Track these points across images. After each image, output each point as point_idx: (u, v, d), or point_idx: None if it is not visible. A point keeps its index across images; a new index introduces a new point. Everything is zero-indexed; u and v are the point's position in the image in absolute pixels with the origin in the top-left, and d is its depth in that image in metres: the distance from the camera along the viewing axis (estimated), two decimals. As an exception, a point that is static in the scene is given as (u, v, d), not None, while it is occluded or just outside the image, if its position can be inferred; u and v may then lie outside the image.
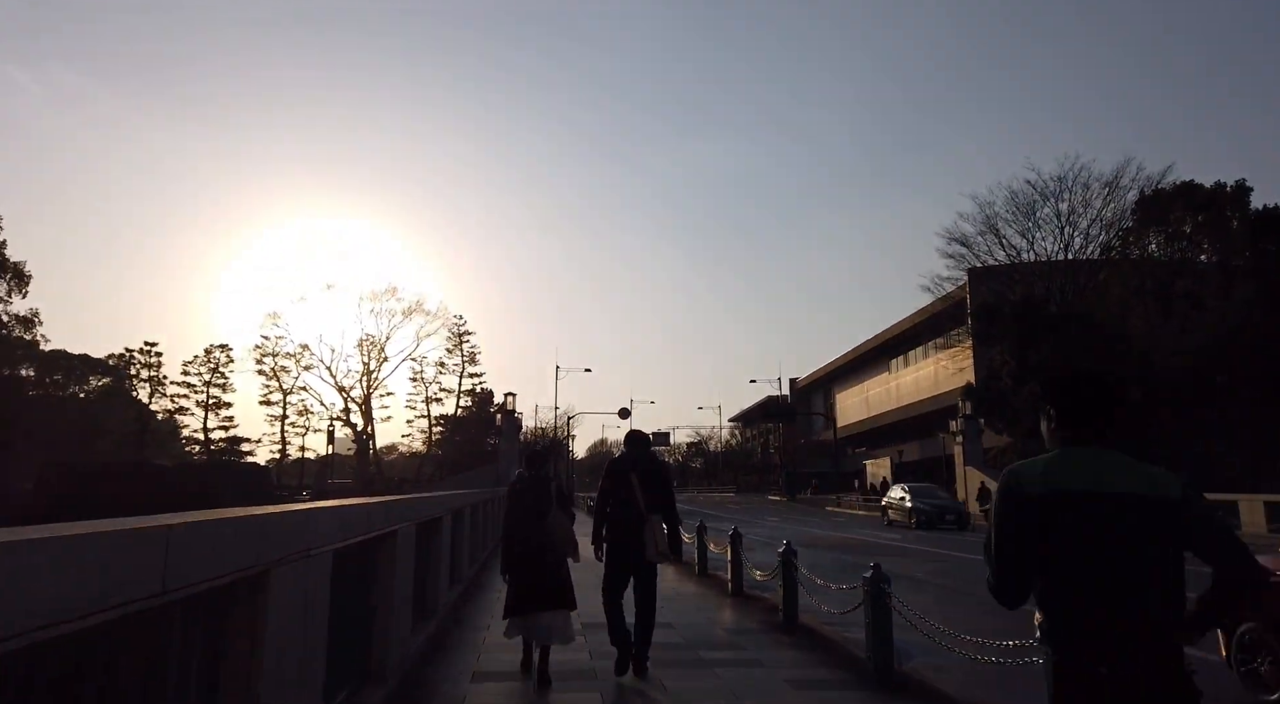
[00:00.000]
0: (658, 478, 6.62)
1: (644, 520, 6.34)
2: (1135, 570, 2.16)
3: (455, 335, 70.71)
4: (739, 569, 10.82)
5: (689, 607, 10.22)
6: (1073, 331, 37.94)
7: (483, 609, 9.86)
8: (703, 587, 12.12)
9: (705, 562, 13.27)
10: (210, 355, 64.96)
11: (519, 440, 49.67)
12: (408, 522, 6.14)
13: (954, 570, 15.13)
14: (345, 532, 4.17)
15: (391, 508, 5.53)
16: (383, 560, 5.50)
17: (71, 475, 33.74)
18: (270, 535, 2.93)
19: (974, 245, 46.81)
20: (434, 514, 8.04)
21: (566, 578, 6.43)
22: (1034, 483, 2.30)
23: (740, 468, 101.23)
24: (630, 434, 7.04)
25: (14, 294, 45.02)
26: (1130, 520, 2.19)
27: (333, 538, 3.88)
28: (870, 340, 79.90)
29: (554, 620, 6.21)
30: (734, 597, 10.78)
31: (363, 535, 4.63)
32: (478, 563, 14.14)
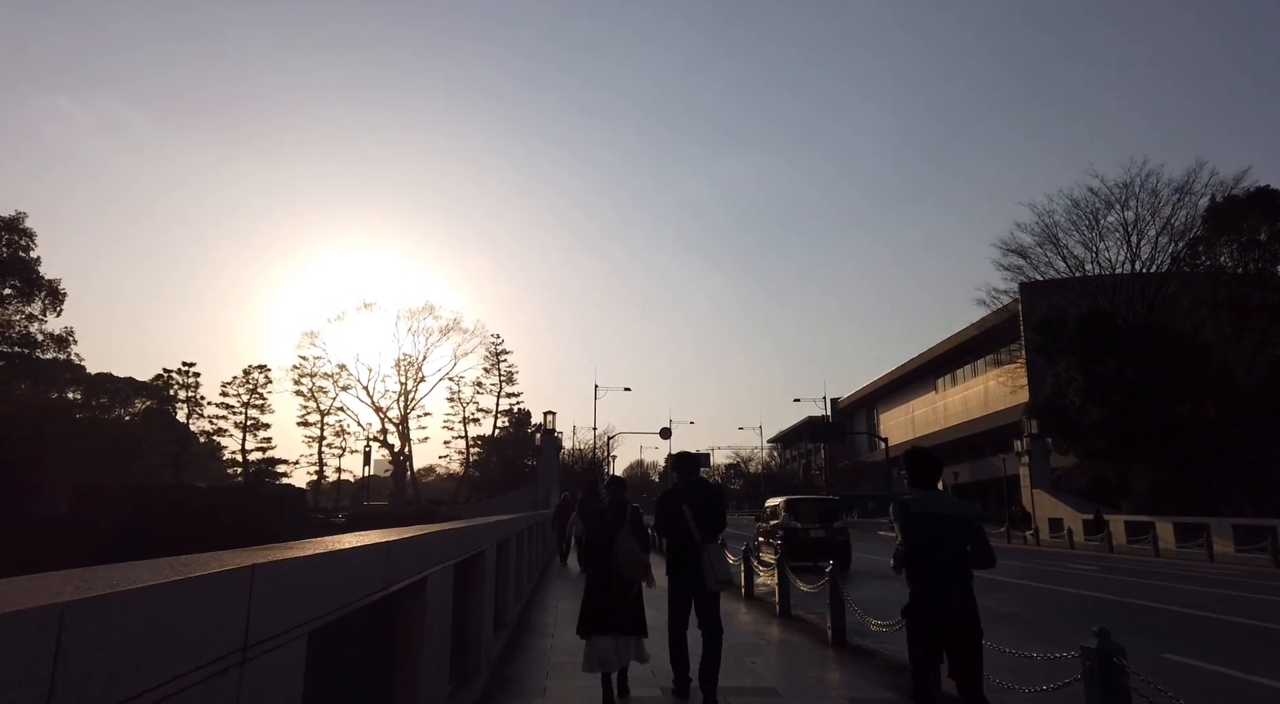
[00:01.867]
0: (711, 504, 6.58)
1: (701, 550, 6.31)
2: (951, 550, 4.88)
3: (493, 354, 69.87)
4: (840, 612, 8.81)
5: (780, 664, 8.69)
6: (1145, 346, 35.74)
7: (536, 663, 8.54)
8: (788, 632, 10.58)
9: (788, 601, 11.62)
10: (249, 376, 64.66)
11: (558, 460, 48.37)
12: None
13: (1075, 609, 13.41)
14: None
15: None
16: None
17: (107, 498, 33.07)
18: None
19: (1032, 256, 44.85)
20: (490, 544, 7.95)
21: (636, 602, 6.43)
22: (916, 506, 4.96)
23: (782, 489, 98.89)
24: (678, 456, 7.06)
25: (49, 312, 44.70)
26: (949, 526, 4.90)
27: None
28: (915, 359, 77.78)
29: (622, 645, 6.30)
30: (835, 647, 8.80)
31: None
32: (521, 601, 12.34)
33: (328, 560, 2.49)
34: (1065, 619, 11.66)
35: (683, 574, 6.45)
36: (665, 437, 59.90)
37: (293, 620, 2.09)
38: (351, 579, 2.71)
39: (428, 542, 4.04)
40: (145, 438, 56.55)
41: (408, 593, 3.75)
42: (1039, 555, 26.56)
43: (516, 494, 46.28)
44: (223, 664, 1.68)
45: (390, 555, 3.25)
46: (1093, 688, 4.28)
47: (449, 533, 4.89)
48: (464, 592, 6.19)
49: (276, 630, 1.96)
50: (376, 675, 3.52)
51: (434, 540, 4.28)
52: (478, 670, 6.41)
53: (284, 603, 2.04)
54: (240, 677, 1.78)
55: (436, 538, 4.42)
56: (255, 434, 64.48)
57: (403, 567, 3.45)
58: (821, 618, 10.38)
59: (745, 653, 8.28)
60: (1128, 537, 28.36)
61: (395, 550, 3.34)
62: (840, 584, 8.40)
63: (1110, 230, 42.88)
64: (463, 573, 6.04)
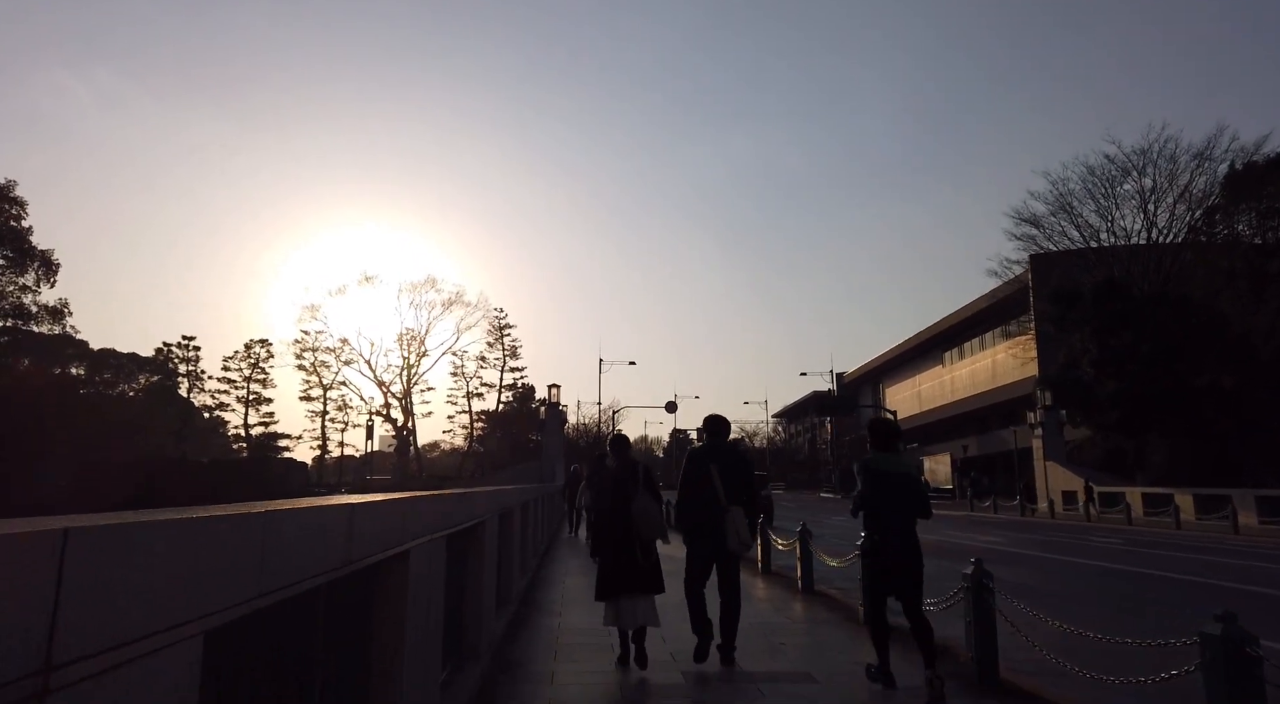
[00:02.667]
0: (739, 468, 6.55)
1: (725, 512, 6.31)
2: (900, 501, 5.69)
3: (496, 328, 69.24)
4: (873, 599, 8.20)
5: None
6: (1162, 315, 34.96)
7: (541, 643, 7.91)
8: (813, 607, 9.99)
9: (810, 576, 11.03)
10: (250, 351, 64.23)
11: (563, 435, 47.89)
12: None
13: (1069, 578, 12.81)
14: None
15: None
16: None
17: (109, 472, 32.66)
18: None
19: (1045, 226, 43.94)
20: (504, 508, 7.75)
21: (655, 562, 6.41)
22: (875, 465, 5.81)
23: (787, 464, 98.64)
24: (708, 421, 6.90)
25: (42, 284, 43.73)
26: (900, 482, 5.75)
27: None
28: (922, 332, 77.11)
29: (642, 604, 6.25)
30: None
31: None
32: (527, 576, 11.70)
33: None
34: (1120, 597, 10.96)
35: (705, 535, 6.40)
36: (671, 410, 59.44)
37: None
38: (288, 555, 1.94)
39: (409, 508, 3.25)
40: (147, 413, 56.23)
41: (383, 570, 3.06)
42: (1055, 528, 25.99)
43: (521, 468, 45.93)
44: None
45: (354, 523, 2.44)
46: (1217, 681, 3.59)
47: (439, 500, 4.10)
48: (461, 567, 5.55)
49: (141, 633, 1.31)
50: (350, 665, 2.84)
51: (418, 508, 3.48)
52: (477, 653, 5.76)
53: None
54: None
55: (422, 505, 3.61)
56: (258, 409, 64.20)
57: (373, 539, 2.69)
58: (846, 594, 9.85)
59: (770, 632, 7.69)
60: (1145, 509, 27.77)
61: (361, 518, 2.50)
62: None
63: (1126, 198, 41.99)
64: (459, 546, 5.39)
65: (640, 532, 6.29)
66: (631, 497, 6.39)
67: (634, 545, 6.27)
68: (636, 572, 6.24)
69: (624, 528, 6.33)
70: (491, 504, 7.48)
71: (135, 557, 1.31)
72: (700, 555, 6.49)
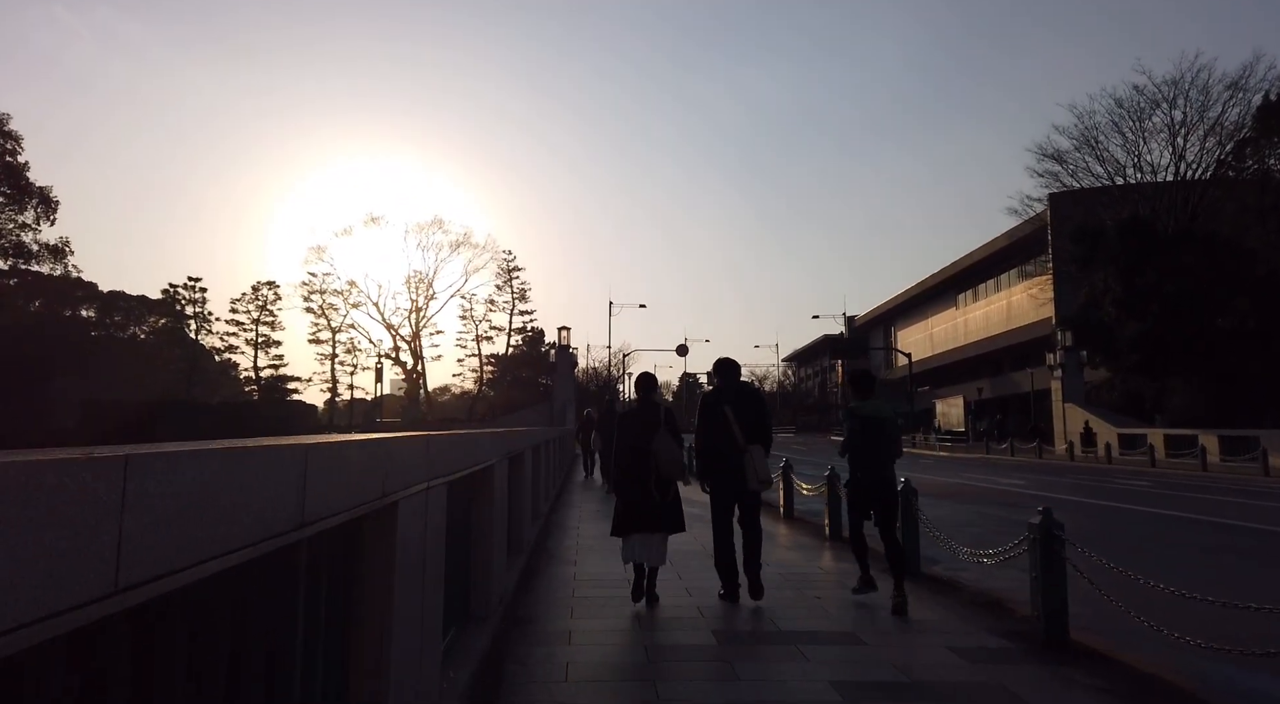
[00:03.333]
0: (753, 407, 6.56)
1: (743, 452, 6.32)
2: (880, 443, 6.41)
3: (505, 271, 68.37)
4: (913, 539, 7.40)
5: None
6: (1188, 253, 33.88)
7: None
8: (844, 556, 9.44)
9: (839, 524, 10.51)
10: (258, 293, 63.64)
11: (573, 378, 47.48)
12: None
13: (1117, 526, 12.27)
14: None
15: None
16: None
17: (115, 413, 32.43)
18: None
19: (1070, 161, 42.55)
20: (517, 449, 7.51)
21: (675, 501, 6.42)
22: (859, 411, 6.53)
23: (798, 407, 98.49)
24: (719, 363, 6.91)
25: (42, 221, 42.79)
26: (879, 425, 6.46)
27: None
28: (936, 274, 75.98)
29: (655, 543, 6.25)
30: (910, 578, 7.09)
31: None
32: (539, 522, 11.15)
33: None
34: (1182, 546, 10.38)
35: (725, 476, 6.41)
36: (682, 354, 58.89)
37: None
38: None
39: (394, 451, 2.59)
40: (156, 355, 56.00)
41: (361, 526, 2.44)
42: (1076, 470, 25.52)
43: (531, 411, 45.63)
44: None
45: (306, 474, 1.82)
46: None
47: (435, 440, 3.28)
48: (466, 516, 4.93)
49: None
50: (333, 634, 2.31)
51: (405, 451, 2.79)
52: (486, 611, 5.24)
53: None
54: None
55: (412, 447, 2.92)
56: (267, 351, 63.93)
57: (333, 491, 2.01)
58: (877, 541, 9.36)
59: (802, 584, 7.11)
60: (1168, 451, 27.21)
61: (316, 463, 1.87)
62: (913, 502, 7.17)
63: (1154, 133, 40.47)
64: (464, 493, 4.74)
65: (660, 469, 6.25)
66: (650, 435, 6.35)
67: (652, 483, 6.26)
68: (654, 510, 6.25)
69: (643, 467, 6.29)
70: (498, 447, 6.76)
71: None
72: (723, 497, 6.50)
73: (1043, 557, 5.05)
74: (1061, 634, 5.00)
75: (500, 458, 6.30)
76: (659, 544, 6.29)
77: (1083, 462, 29.03)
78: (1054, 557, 5.05)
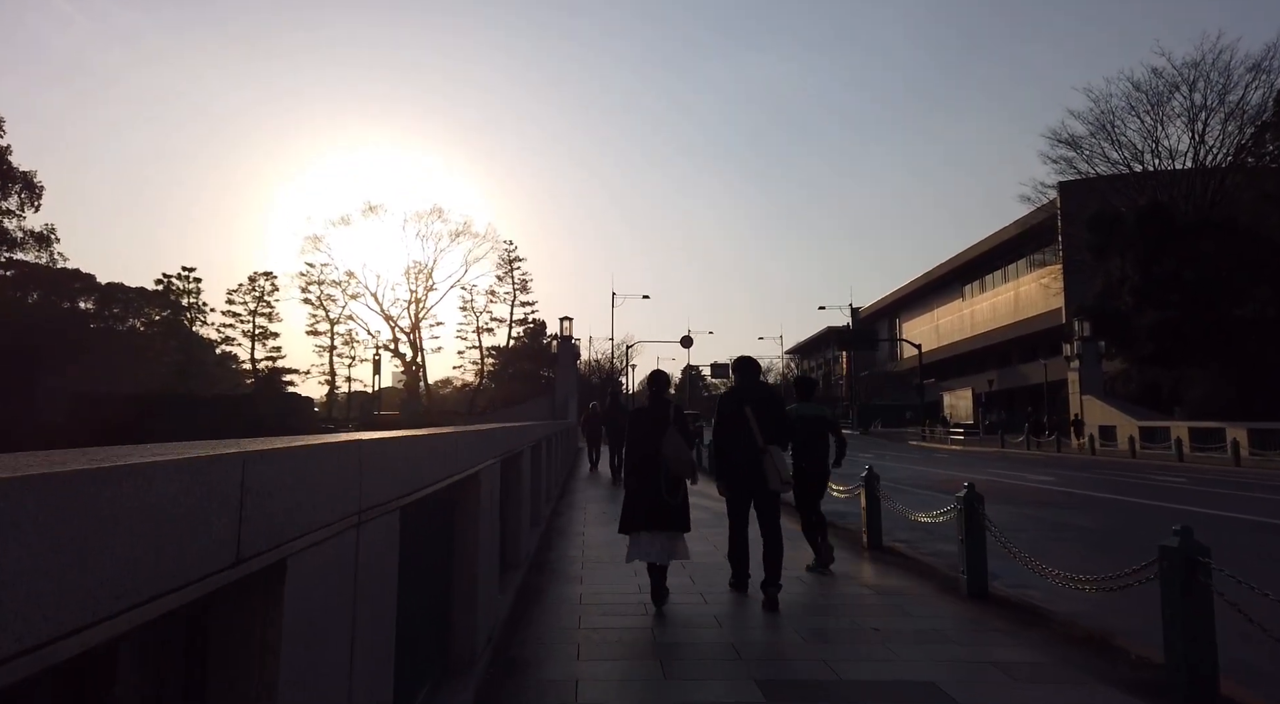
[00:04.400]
0: (772, 408, 6.52)
1: (763, 452, 6.27)
2: (816, 439, 7.82)
3: (506, 262, 67.41)
4: (979, 553, 6.30)
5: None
6: (1208, 241, 32.85)
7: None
8: (888, 571, 8.45)
9: (879, 531, 9.49)
10: (255, 284, 62.73)
11: (575, 370, 46.53)
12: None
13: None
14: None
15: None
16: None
17: (103, 407, 31.52)
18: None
19: (1085, 147, 41.48)
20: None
21: (683, 499, 6.28)
22: (796, 411, 7.58)
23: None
24: (739, 362, 7.04)
25: (26, 208, 41.54)
26: (816, 424, 7.85)
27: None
28: (942, 264, 75.15)
29: (663, 541, 6.14)
30: (974, 600, 6.19)
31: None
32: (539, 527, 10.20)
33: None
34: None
35: (743, 477, 6.35)
36: (686, 345, 57.81)
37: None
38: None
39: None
40: (149, 348, 55.09)
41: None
42: (1101, 465, 24.54)
43: (533, 404, 44.70)
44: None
45: None
46: None
47: (369, 449, 2.50)
48: (443, 539, 3.98)
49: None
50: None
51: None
52: (471, 656, 4.19)
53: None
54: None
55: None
56: (264, 343, 63.10)
57: None
58: (915, 548, 8.38)
59: (852, 610, 6.00)
60: (1191, 444, 26.23)
61: None
62: (978, 508, 6.17)
63: (1172, 117, 39.38)
64: (438, 512, 3.77)
65: (670, 469, 6.12)
66: (660, 433, 6.22)
67: (661, 482, 6.12)
68: (663, 509, 6.11)
69: (652, 464, 6.16)
70: (486, 448, 5.59)
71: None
72: (740, 497, 6.44)
73: (1182, 591, 3.98)
74: (1209, 693, 3.96)
75: (491, 461, 5.02)
76: (670, 542, 6.16)
77: (1104, 456, 28.05)
78: (1198, 592, 3.98)
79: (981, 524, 6.21)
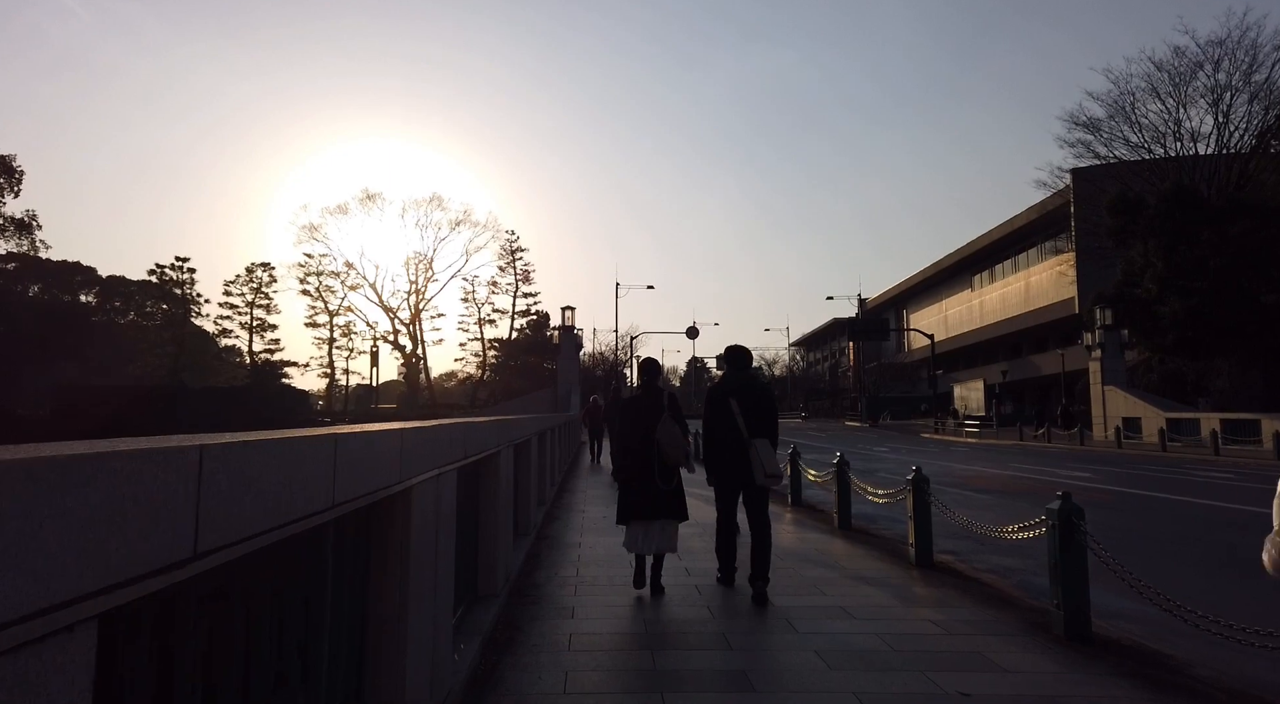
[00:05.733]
0: (760, 401, 6.41)
1: (748, 446, 6.18)
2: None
3: (508, 252, 66.30)
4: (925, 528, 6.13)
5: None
6: (1236, 226, 31.55)
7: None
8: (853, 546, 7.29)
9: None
10: (252, 275, 61.62)
11: (578, 360, 45.40)
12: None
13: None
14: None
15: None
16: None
17: (88, 398, 30.48)
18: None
19: (1104, 130, 40.17)
20: None
21: (679, 488, 6.27)
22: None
23: (810, 392, 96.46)
24: (729, 351, 6.78)
25: (6, 194, 40.03)
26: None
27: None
28: (951, 254, 74.01)
29: (663, 529, 6.14)
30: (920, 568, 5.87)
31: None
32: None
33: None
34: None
35: (730, 470, 6.31)
36: (692, 336, 56.75)
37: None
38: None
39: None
40: (143, 339, 54.14)
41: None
42: (1133, 460, 23.32)
43: (535, 396, 43.70)
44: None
45: None
46: None
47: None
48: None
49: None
50: None
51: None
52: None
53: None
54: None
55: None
56: (262, 335, 62.03)
57: None
58: (984, 567, 7.30)
59: (934, 664, 4.96)
60: (1224, 437, 24.99)
61: None
62: (1078, 526, 4.91)
63: (1195, 98, 38.04)
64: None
65: (664, 456, 6.13)
66: (653, 422, 6.21)
67: (655, 470, 6.14)
68: (658, 497, 6.11)
69: (648, 453, 6.17)
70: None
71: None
72: (727, 489, 6.42)
73: None
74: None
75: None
76: (665, 531, 6.17)
77: (1131, 449, 26.81)
78: None
79: (1083, 546, 4.85)
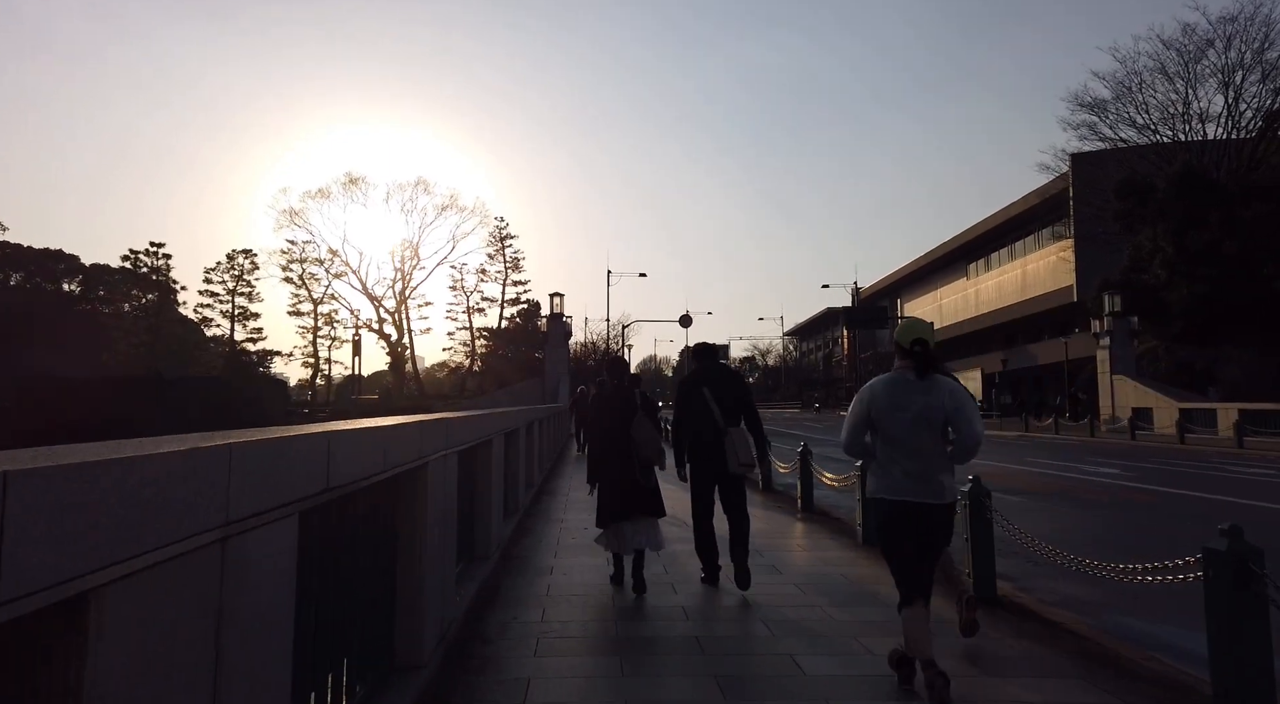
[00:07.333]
0: (732, 389, 6.37)
1: (723, 434, 6.12)
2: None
3: (497, 239, 64.74)
4: None
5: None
6: (1249, 210, 30.45)
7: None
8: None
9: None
10: (233, 262, 59.95)
11: (567, 349, 44.11)
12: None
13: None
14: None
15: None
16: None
17: (55, 389, 29.02)
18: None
19: (1110, 111, 39.01)
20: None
21: (655, 485, 6.27)
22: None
23: (803, 382, 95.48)
24: (696, 347, 6.79)
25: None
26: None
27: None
28: (947, 242, 73.15)
29: (643, 527, 6.11)
30: None
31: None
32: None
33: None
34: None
35: (705, 460, 6.23)
36: (685, 325, 55.40)
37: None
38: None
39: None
40: (118, 327, 52.52)
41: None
42: (1150, 452, 22.16)
43: (524, 386, 42.52)
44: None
45: None
46: None
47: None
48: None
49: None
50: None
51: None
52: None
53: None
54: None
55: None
56: (244, 324, 60.39)
57: None
58: (1052, 600, 6.02)
59: None
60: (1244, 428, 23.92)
61: None
62: (1256, 572, 3.57)
63: (1204, 78, 36.91)
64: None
65: (640, 453, 6.13)
66: (629, 420, 6.23)
67: (632, 469, 6.13)
68: (639, 494, 6.10)
69: (622, 452, 6.18)
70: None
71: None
72: (702, 480, 6.33)
73: None
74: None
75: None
76: (647, 530, 6.12)
77: (1144, 440, 25.73)
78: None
79: (1264, 606, 3.34)
